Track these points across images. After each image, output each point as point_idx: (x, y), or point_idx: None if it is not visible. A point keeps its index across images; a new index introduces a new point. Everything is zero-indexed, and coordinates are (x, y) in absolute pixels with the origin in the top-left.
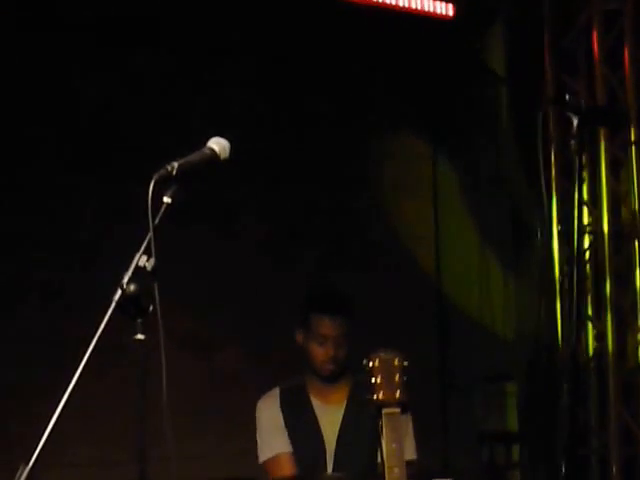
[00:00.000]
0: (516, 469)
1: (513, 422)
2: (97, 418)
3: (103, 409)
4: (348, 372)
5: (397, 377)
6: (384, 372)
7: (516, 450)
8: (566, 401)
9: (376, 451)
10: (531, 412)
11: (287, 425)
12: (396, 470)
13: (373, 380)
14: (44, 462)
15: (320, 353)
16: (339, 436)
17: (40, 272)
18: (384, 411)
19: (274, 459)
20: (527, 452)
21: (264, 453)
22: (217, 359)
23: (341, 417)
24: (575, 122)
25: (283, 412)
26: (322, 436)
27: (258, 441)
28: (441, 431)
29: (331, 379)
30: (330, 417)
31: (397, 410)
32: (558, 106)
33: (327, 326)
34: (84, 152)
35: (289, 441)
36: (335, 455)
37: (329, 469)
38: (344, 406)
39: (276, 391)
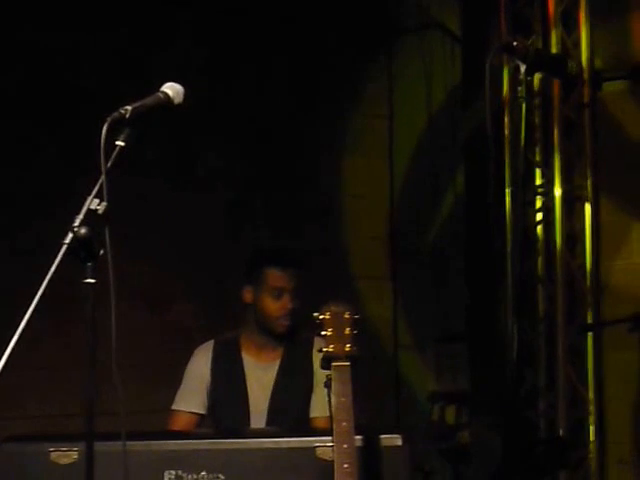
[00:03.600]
0: (466, 429)
1: (464, 382)
2: (60, 371)
3: (67, 361)
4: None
5: (348, 330)
6: (335, 325)
7: (466, 410)
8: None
9: (308, 407)
10: (480, 371)
11: (213, 380)
12: (344, 424)
13: (324, 332)
14: (4, 415)
15: (276, 307)
16: (273, 393)
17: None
18: (334, 364)
19: (178, 413)
20: (476, 412)
21: (175, 403)
22: (169, 313)
23: (275, 375)
24: (522, 69)
25: (212, 366)
26: (247, 393)
27: (179, 389)
28: (392, 389)
29: (285, 335)
30: (261, 375)
31: (347, 363)
32: (506, 53)
33: (282, 278)
34: (41, 101)
35: (203, 403)
36: (269, 412)
37: (257, 425)
38: (277, 364)
39: (210, 344)
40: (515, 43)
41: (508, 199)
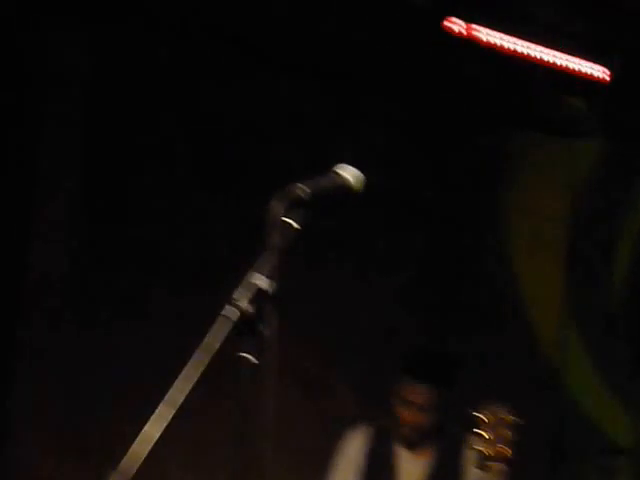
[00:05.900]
0: None
1: None
2: (206, 445)
3: (214, 436)
4: (432, 439)
5: (507, 433)
6: (494, 426)
7: None
8: None
9: None
10: None
11: (363, 466)
12: None
13: (481, 432)
14: None
15: (401, 413)
16: None
17: (161, 288)
18: (488, 464)
19: None
20: None
21: None
22: (326, 399)
23: (425, 472)
24: None
25: (365, 452)
26: None
27: (330, 471)
28: None
29: (408, 444)
30: (411, 468)
31: (502, 466)
32: None
33: (411, 392)
34: (216, 167)
35: None
36: None
37: None
38: (429, 462)
39: (367, 428)
40: None
41: None
